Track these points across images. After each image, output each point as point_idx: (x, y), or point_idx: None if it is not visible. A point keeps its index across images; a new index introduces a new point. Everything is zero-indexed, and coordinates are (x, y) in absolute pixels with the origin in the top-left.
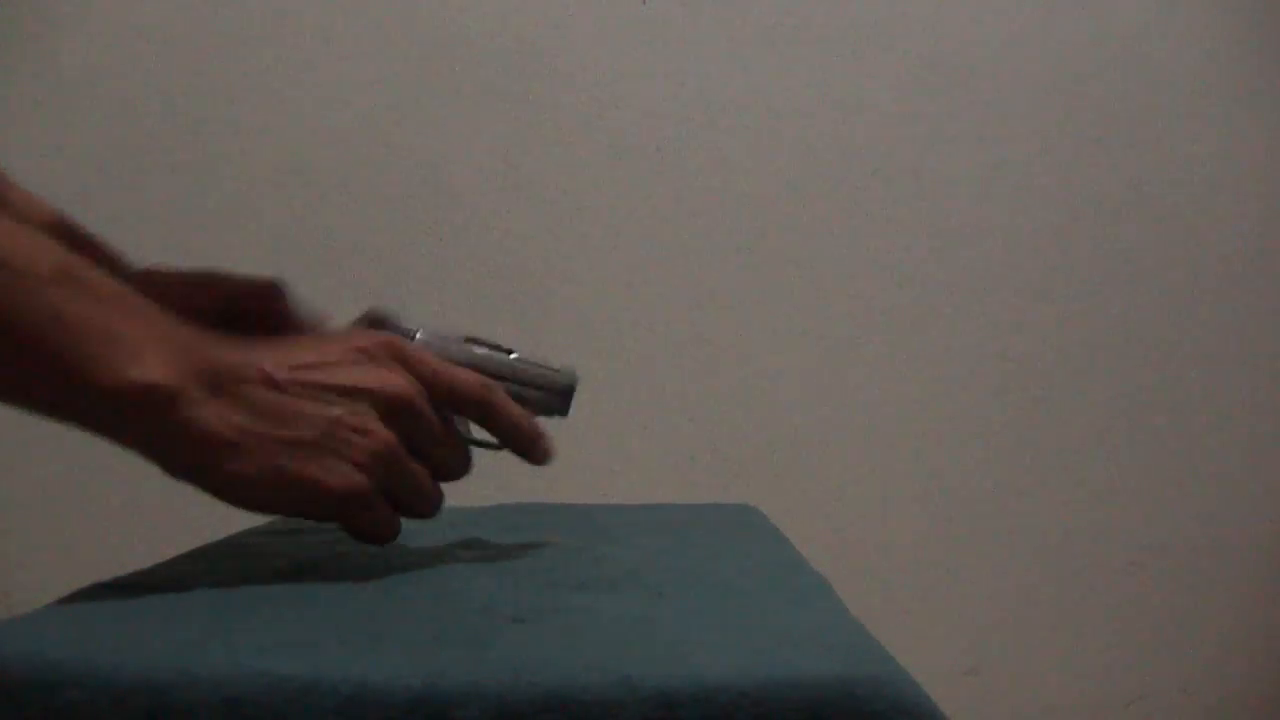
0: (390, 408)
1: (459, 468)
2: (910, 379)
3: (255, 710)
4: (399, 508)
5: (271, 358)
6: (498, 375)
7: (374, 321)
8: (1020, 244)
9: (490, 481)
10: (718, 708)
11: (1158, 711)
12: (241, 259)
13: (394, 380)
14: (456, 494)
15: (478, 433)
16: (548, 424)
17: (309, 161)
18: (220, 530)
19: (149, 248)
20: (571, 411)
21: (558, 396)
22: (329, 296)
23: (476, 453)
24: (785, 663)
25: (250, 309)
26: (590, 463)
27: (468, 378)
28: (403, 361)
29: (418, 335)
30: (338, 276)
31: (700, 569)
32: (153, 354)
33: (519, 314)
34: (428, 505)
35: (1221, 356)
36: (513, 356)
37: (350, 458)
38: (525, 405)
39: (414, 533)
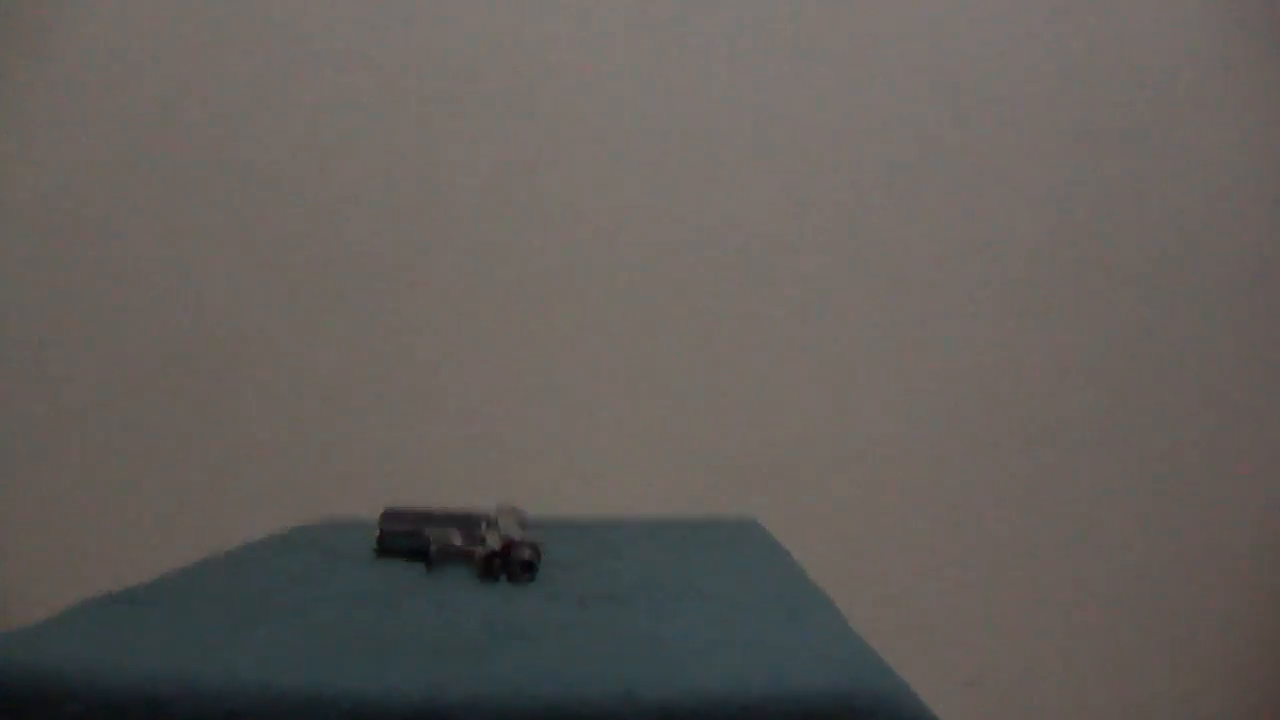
0: None
1: None
2: (909, 390)
3: None
4: None
5: None
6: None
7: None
8: (1021, 255)
9: (492, 496)
10: None
11: None
12: (246, 269)
13: None
14: (454, 504)
15: None
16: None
17: (311, 172)
18: (219, 544)
19: (157, 256)
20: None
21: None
22: (331, 304)
23: (477, 464)
24: (785, 676)
25: None
26: (592, 475)
27: None
28: None
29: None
30: (340, 284)
31: (700, 582)
32: None
33: (519, 324)
34: None
35: (1220, 369)
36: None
37: None
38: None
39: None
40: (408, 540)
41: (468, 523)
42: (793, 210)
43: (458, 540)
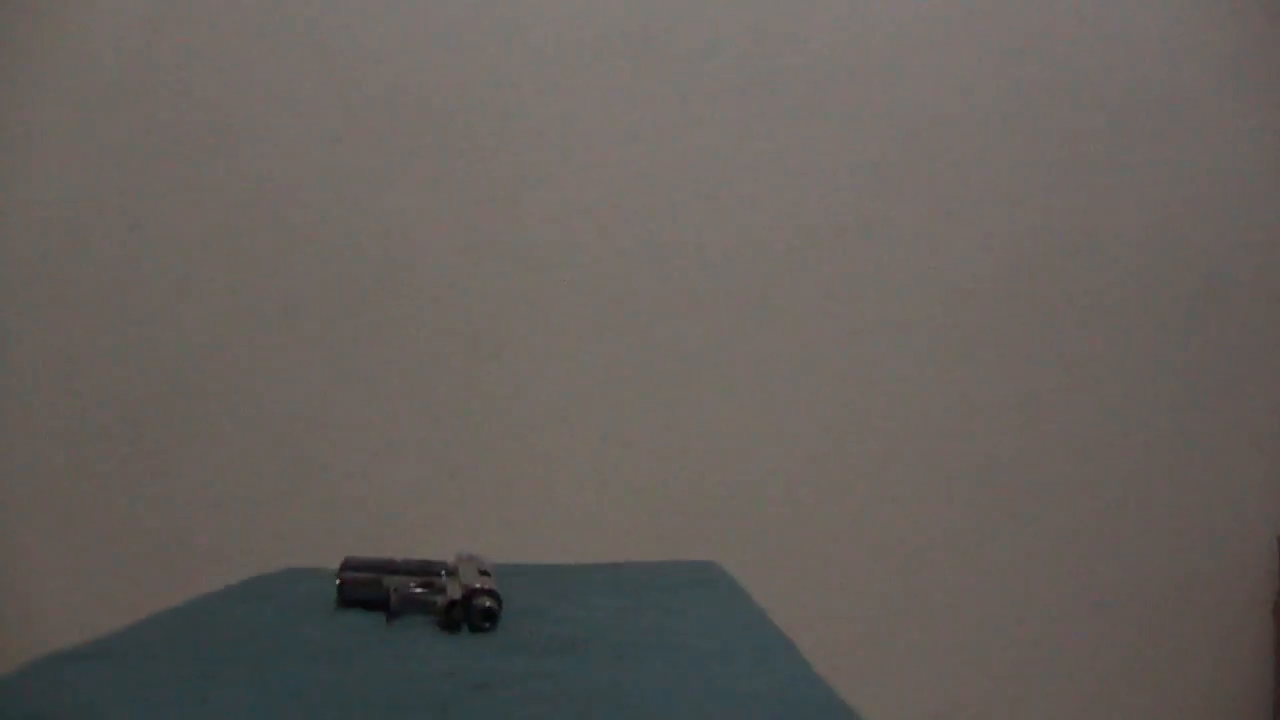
0: None
1: None
2: (868, 427)
3: None
4: None
5: None
6: None
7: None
8: (975, 293)
9: (450, 540)
10: None
11: None
12: (204, 314)
13: None
14: (412, 552)
15: None
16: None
17: (268, 221)
18: (177, 593)
19: (114, 303)
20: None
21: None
22: (289, 351)
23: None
24: None
25: None
26: (550, 521)
27: None
28: None
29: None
30: (297, 331)
31: (661, 629)
32: None
33: (475, 370)
34: None
35: (1178, 400)
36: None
37: None
38: None
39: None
40: (368, 590)
41: (427, 571)
42: (748, 250)
43: (418, 589)
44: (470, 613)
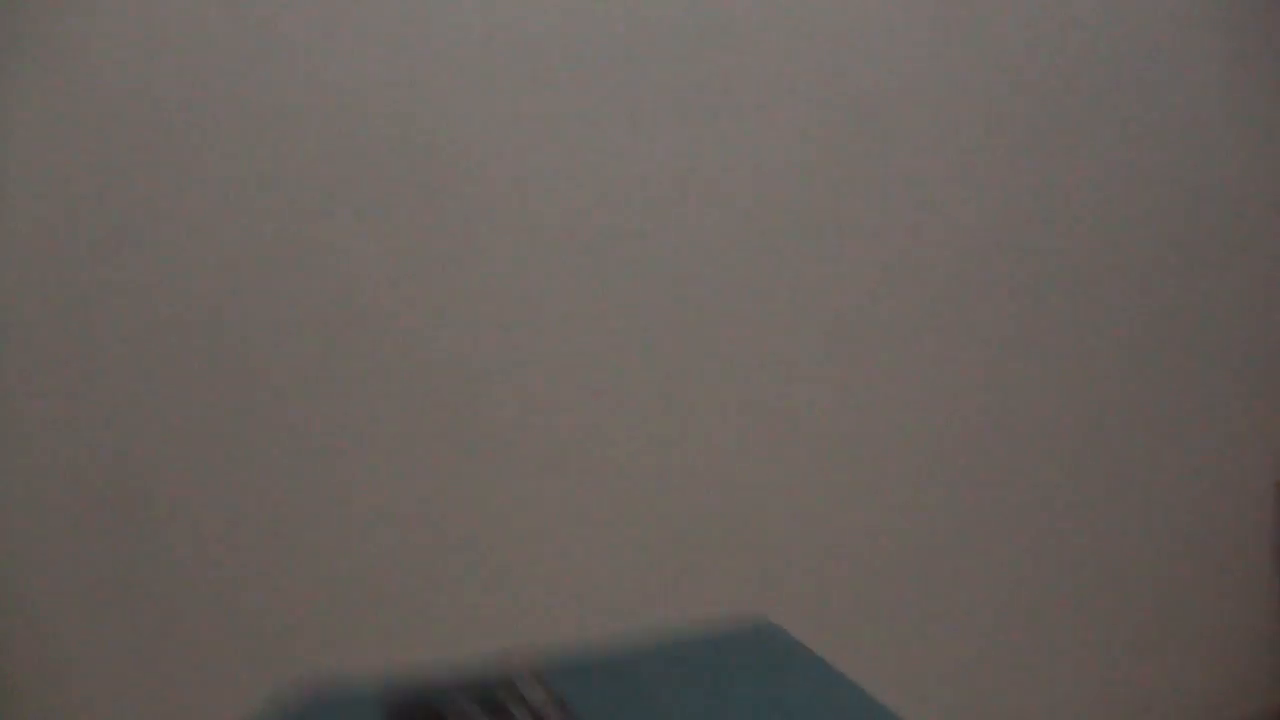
0: None
1: None
2: (859, 417)
3: None
4: None
5: None
6: None
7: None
8: (963, 270)
9: (470, 619)
10: None
11: None
12: (150, 363)
13: None
14: (456, 643)
15: None
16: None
17: (211, 259)
18: (172, 679)
19: (75, 383)
20: None
21: None
22: (236, 393)
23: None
24: None
25: None
26: (579, 582)
27: None
28: None
29: None
30: (241, 375)
31: None
32: None
33: (475, 429)
34: None
35: (1183, 355)
36: None
37: None
38: None
39: None
40: None
41: (486, 696)
42: (714, 264)
43: None
44: None
